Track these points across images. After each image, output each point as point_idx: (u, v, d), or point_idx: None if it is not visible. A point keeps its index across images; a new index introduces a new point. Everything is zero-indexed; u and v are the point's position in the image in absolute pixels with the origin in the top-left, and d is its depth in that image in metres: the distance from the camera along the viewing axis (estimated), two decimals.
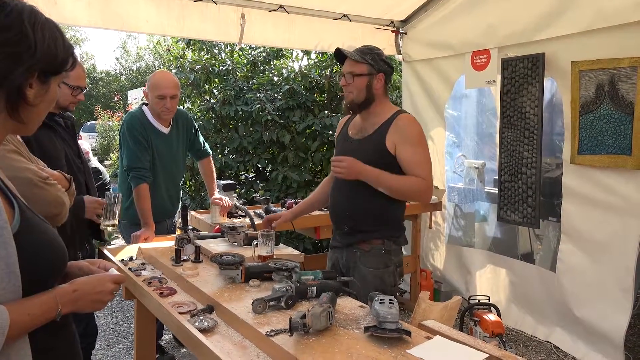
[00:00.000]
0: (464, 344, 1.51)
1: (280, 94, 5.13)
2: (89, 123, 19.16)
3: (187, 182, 5.44)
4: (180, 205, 3.34)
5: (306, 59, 5.76)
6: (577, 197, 3.29)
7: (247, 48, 5.68)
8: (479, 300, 3.39)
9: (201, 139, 3.39)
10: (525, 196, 3.54)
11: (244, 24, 3.76)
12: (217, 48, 5.70)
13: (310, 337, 1.51)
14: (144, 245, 2.66)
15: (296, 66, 5.72)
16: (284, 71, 5.51)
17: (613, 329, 3.09)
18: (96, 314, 4.12)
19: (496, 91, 3.94)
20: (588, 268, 3.24)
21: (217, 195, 3.31)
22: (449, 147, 4.53)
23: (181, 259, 2.30)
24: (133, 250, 2.60)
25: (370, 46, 2.40)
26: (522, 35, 3.52)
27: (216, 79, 5.29)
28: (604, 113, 3.07)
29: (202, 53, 5.58)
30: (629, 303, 3.03)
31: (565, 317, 3.43)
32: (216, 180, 3.42)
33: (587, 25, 3.10)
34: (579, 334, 3.35)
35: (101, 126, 14.50)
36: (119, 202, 2.35)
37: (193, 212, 3.52)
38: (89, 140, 13.72)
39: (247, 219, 3.06)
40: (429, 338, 1.54)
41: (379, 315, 1.52)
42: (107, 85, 25.52)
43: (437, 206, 4.26)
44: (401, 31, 4.51)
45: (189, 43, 5.55)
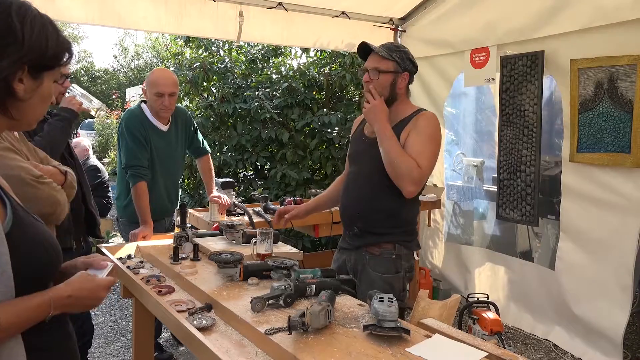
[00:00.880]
0: (464, 342, 1.51)
1: (279, 91, 5.12)
2: (87, 121, 19.07)
3: (186, 180, 5.44)
4: (178, 203, 3.34)
5: (305, 56, 5.75)
6: (576, 195, 3.29)
7: (246, 46, 5.68)
8: (477, 298, 3.39)
9: (200, 137, 3.38)
10: (524, 194, 3.54)
11: (242, 21, 3.75)
12: (215, 45, 5.69)
13: (309, 336, 1.50)
14: (142, 244, 2.65)
15: (295, 64, 5.72)
16: (282, 69, 5.50)
17: (612, 327, 3.09)
18: (94, 312, 4.12)
19: (495, 89, 3.94)
20: (587, 266, 3.24)
21: (215, 193, 3.30)
22: (448, 145, 4.53)
23: (179, 257, 2.29)
24: (131, 249, 2.59)
25: (397, 44, 2.34)
26: (522, 33, 3.51)
27: (215, 77, 5.28)
28: (603, 111, 3.07)
29: (200, 51, 5.58)
30: (627, 301, 3.03)
31: (564, 315, 3.43)
32: (215, 178, 3.41)
33: (587, 23, 3.09)
34: (577, 332, 3.35)
35: (99, 124, 14.46)
36: None
37: (191, 210, 3.51)
38: (87, 138, 13.66)
39: (246, 217, 3.06)
40: (428, 336, 1.54)
41: (378, 313, 1.52)
42: (105, 82, 25.47)
43: (436, 204, 4.26)
44: (400, 29, 4.50)
45: (187, 40, 5.55)
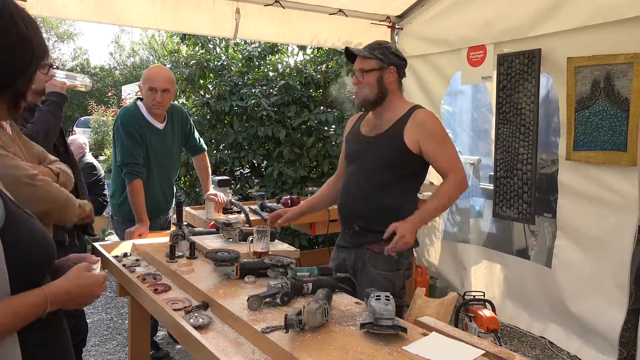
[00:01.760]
0: (461, 340, 1.51)
1: (276, 89, 5.11)
2: (82, 118, 19.01)
3: (182, 178, 5.42)
4: (174, 201, 3.32)
5: (302, 54, 5.74)
6: (572, 193, 3.30)
7: (242, 43, 5.66)
8: (474, 296, 3.40)
9: (196, 134, 3.37)
10: (521, 192, 3.54)
11: (238, 18, 3.73)
12: (212, 43, 5.67)
13: (305, 334, 1.50)
14: (138, 242, 2.64)
15: (292, 61, 5.70)
16: (279, 66, 5.48)
17: (608, 324, 3.10)
18: (90, 311, 4.11)
19: (492, 87, 3.94)
20: (583, 264, 3.24)
21: (212, 191, 3.30)
22: None
23: (176, 255, 2.29)
24: (127, 247, 2.58)
25: (379, 41, 2.33)
26: (518, 31, 3.51)
27: (211, 74, 5.26)
28: (599, 109, 3.07)
29: (196, 48, 5.56)
30: (624, 299, 3.04)
31: (560, 312, 3.43)
32: (211, 176, 3.41)
33: (583, 21, 3.09)
34: (573, 329, 3.36)
35: (95, 121, 14.39)
36: None
37: (188, 208, 3.51)
38: (83, 136, 13.61)
39: (242, 215, 3.05)
40: (425, 335, 1.54)
41: (375, 311, 1.51)
42: (101, 80, 25.33)
43: None
44: (397, 27, 4.49)
45: (183, 38, 5.53)
